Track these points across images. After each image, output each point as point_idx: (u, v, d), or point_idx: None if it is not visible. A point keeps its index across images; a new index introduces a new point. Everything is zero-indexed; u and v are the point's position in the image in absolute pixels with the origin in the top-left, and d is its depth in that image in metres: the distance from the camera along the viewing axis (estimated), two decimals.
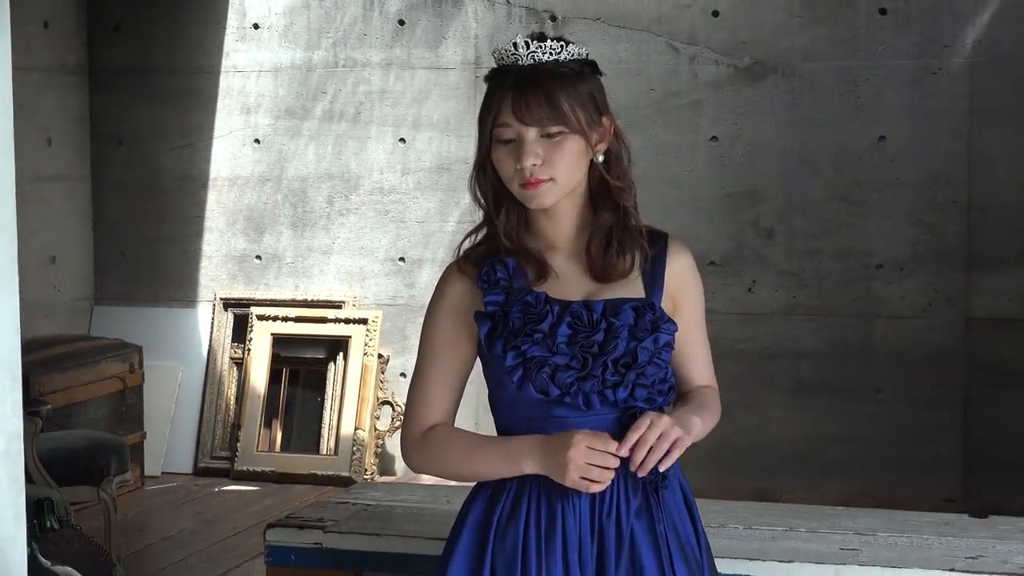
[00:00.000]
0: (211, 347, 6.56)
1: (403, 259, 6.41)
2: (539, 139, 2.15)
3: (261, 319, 6.46)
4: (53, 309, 6.47)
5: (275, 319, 6.45)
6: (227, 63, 6.56)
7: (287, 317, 6.44)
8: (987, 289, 5.75)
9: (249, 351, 6.45)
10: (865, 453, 5.87)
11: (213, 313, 6.59)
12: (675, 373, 2.28)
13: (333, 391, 6.35)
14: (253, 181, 6.57)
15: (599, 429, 2.13)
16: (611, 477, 2.11)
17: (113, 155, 6.71)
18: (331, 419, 6.31)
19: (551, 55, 2.17)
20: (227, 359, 6.52)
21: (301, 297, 6.50)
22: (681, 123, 6.03)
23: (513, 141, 2.16)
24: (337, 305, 6.44)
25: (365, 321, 6.32)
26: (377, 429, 6.29)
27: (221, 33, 6.55)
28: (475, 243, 2.27)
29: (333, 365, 6.39)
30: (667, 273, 2.25)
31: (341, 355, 6.36)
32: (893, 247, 5.84)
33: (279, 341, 6.45)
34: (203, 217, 6.62)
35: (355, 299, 6.44)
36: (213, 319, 6.58)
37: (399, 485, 3.63)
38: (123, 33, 6.65)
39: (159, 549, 5.35)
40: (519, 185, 2.17)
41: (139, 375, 6.19)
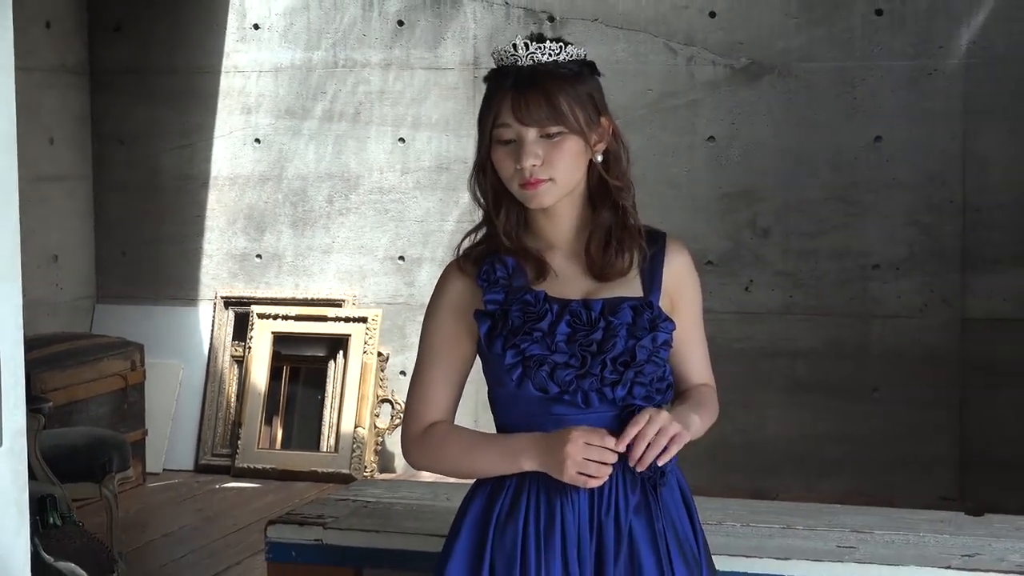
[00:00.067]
0: (212, 345, 6.56)
1: (402, 258, 6.41)
2: (539, 139, 2.15)
3: (262, 317, 6.46)
4: (55, 308, 6.47)
5: (275, 317, 6.44)
6: (227, 63, 6.55)
7: (287, 315, 6.43)
8: (982, 289, 5.74)
9: (250, 349, 6.44)
10: (861, 452, 5.85)
11: (214, 311, 6.59)
12: (673, 371, 2.29)
13: (333, 389, 6.34)
14: (253, 180, 6.57)
15: (598, 427, 2.13)
16: (609, 472, 2.11)
17: (114, 155, 6.71)
18: (331, 417, 6.30)
19: (550, 56, 2.17)
20: (228, 357, 6.52)
21: (301, 296, 6.49)
22: (679, 123, 6.02)
23: (513, 141, 2.17)
24: (337, 304, 6.43)
25: (365, 320, 6.31)
26: (377, 427, 6.28)
27: (221, 33, 6.55)
28: (475, 242, 2.28)
29: (333, 363, 6.39)
30: (665, 272, 2.25)
31: (341, 353, 6.36)
32: (889, 247, 5.82)
33: (279, 339, 6.44)
34: (204, 216, 6.62)
35: (355, 298, 6.44)
36: (214, 317, 6.58)
37: (399, 482, 3.64)
38: (124, 33, 6.65)
39: (160, 545, 5.35)
40: (519, 185, 2.17)
41: (140, 373, 6.18)
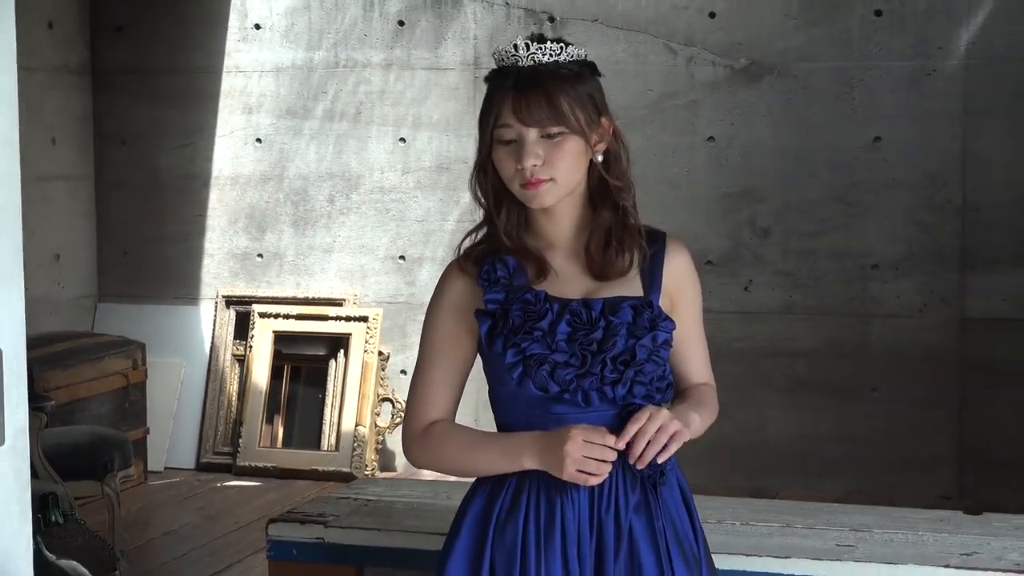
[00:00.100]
0: (213, 344, 6.57)
1: (403, 257, 6.42)
2: (539, 140, 2.16)
3: (263, 316, 6.46)
4: (57, 306, 6.47)
5: (277, 316, 6.45)
6: (229, 63, 6.56)
7: (288, 315, 6.44)
8: (982, 289, 5.74)
9: (251, 348, 6.45)
10: (861, 451, 5.85)
11: (215, 310, 6.59)
12: (673, 371, 2.29)
13: (334, 388, 6.35)
14: (255, 180, 6.57)
15: (598, 425, 2.13)
16: (608, 470, 2.11)
17: (116, 154, 6.71)
18: (332, 415, 6.31)
19: (551, 56, 2.18)
20: (229, 356, 6.52)
21: (302, 295, 6.50)
22: (678, 123, 6.02)
23: (514, 142, 2.17)
24: (338, 303, 6.43)
25: (366, 319, 6.32)
26: (378, 425, 6.29)
27: (223, 34, 6.55)
28: (475, 242, 2.28)
29: (334, 362, 6.39)
30: (665, 272, 2.26)
31: (342, 352, 6.36)
32: (889, 247, 5.82)
33: (280, 338, 6.45)
34: (205, 216, 6.63)
35: (356, 297, 6.45)
36: (215, 316, 6.59)
37: (400, 481, 3.61)
38: (126, 34, 6.65)
39: (162, 543, 5.36)
40: (520, 185, 2.18)
41: (142, 371, 6.19)
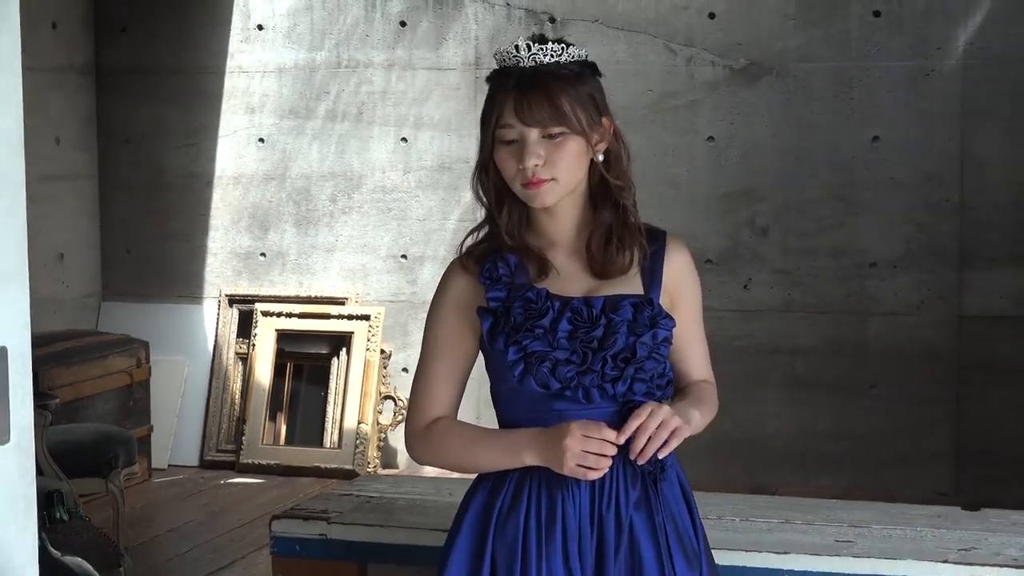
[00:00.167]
0: (216, 342, 6.57)
1: (405, 256, 6.43)
2: (541, 140, 2.17)
3: (265, 315, 6.46)
4: (61, 305, 6.47)
5: (279, 315, 6.45)
6: (232, 63, 6.56)
7: (291, 313, 6.44)
8: (979, 287, 5.75)
9: (254, 346, 6.45)
10: (859, 448, 5.86)
11: (218, 309, 6.60)
12: (673, 368, 2.30)
13: (336, 386, 6.35)
14: (257, 180, 6.58)
15: (599, 422, 2.14)
16: (608, 464, 2.12)
17: (120, 154, 6.72)
18: (334, 413, 6.31)
19: (552, 57, 2.19)
20: (232, 354, 6.53)
21: (305, 293, 6.50)
22: (678, 123, 6.03)
23: (515, 142, 2.18)
24: (340, 301, 6.44)
25: (368, 317, 6.32)
26: (380, 423, 6.29)
27: (226, 34, 6.56)
28: (477, 240, 2.29)
29: (336, 360, 6.39)
30: (665, 270, 2.26)
31: (344, 350, 6.36)
32: (887, 245, 5.83)
33: (283, 337, 6.44)
34: (208, 215, 6.63)
35: (358, 295, 6.45)
36: (218, 315, 6.59)
37: (402, 478, 3.63)
38: (129, 34, 6.65)
39: (166, 540, 5.36)
40: (521, 185, 2.19)
41: (146, 370, 6.19)
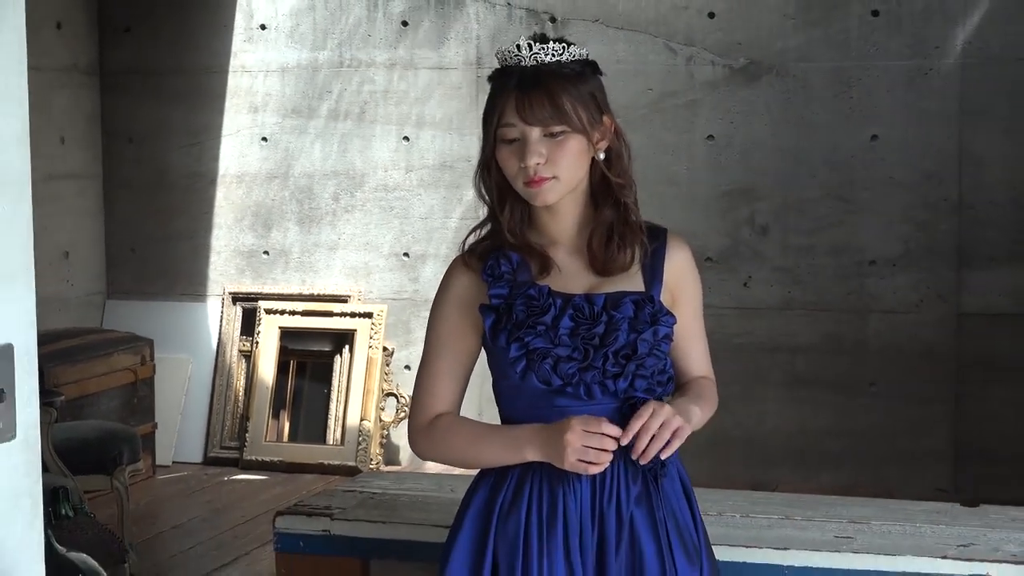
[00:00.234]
0: (220, 340, 6.58)
1: (407, 254, 6.44)
2: (542, 138, 2.18)
3: (269, 313, 6.48)
4: (66, 303, 6.49)
5: (282, 313, 6.47)
6: (235, 63, 6.57)
7: (294, 311, 6.45)
8: (977, 285, 5.76)
9: (257, 344, 6.46)
10: (859, 445, 5.87)
11: (222, 307, 6.61)
12: (674, 365, 2.31)
13: (339, 383, 6.36)
14: (260, 178, 6.60)
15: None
16: (609, 459, 2.12)
17: (124, 153, 6.73)
18: (337, 410, 6.32)
19: (553, 56, 2.19)
20: (236, 352, 6.54)
21: (308, 291, 6.51)
22: (678, 122, 6.04)
23: (517, 140, 2.19)
24: (343, 299, 6.45)
25: (370, 315, 6.33)
26: (382, 420, 6.31)
27: (229, 34, 6.57)
28: (480, 238, 2.30)
29: (339, 357, 6.40)
30: (666, 267, 2.28)
31: (347, 348, 6.37)
32: (886, 244, 5.84)
33: (286, 334, 6.46)
34: (212, 213, 6.64)
35: (360, 293, 6.46)
36: (222, 313, 6.60)
37: (404, 474, 3.59)
38: (133, 34, 6.67)
39: (170, 536, 5.38)
40: (523, 183, 2.20)
41: (150, 367, 6.20)
